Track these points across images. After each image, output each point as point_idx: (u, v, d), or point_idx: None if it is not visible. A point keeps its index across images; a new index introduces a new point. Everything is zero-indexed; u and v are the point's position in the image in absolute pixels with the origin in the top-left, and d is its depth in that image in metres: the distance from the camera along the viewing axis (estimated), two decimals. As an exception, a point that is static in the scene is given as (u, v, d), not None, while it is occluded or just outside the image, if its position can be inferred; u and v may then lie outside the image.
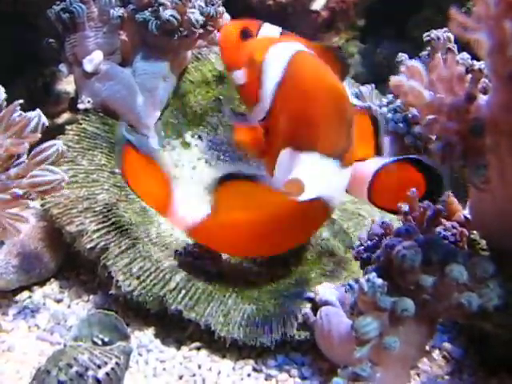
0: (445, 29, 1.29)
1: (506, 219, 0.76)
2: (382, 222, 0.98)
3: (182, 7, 1.25)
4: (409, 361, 0.77)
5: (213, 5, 1.29)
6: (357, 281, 0.76)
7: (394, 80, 0.67)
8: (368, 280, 0.74)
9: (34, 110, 0.96)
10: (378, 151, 1.09)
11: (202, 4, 1.27)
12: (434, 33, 1.30)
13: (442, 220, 0.93)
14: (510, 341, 0.84)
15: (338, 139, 0.96)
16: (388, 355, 0.73)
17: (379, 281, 0.73)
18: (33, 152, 0.96)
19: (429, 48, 1.27)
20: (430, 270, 0.73)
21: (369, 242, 0.98)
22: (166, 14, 1.23)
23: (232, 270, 1.09)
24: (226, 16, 1.33)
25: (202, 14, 1.27)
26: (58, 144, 0.96)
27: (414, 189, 0.90)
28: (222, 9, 1.30)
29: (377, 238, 0.97)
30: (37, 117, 0.95)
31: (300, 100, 0.97)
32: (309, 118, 0.96)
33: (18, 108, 0.95)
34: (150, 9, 1.25)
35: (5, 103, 0.97)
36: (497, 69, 0.62)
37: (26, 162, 0.95)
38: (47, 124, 0.97)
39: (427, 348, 0.82)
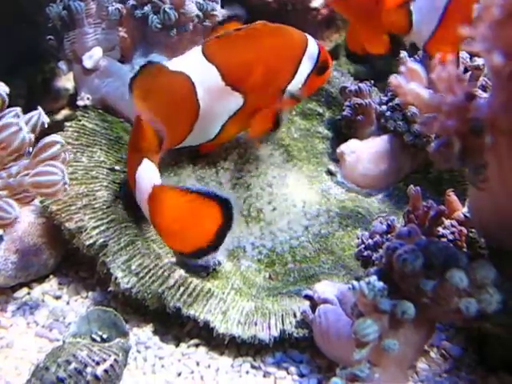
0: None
1: (505, 218, 0.76)
2: (387, 220, 0.99)
3: (180, 2, 1.25)
4: (407, 362, 0.78)
5: (211, 0, 1.29)
6: (359, 280, 0.76)
7: (393, 81, 0.67)
8: (368, 283, 0.73)
9: (34, 107, 0.96)
10: None
11: (200, 0, 1.28)
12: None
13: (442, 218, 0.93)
14: (510, 340, 0.84)
15: None
16: (387, 356, 0.73)
17: (379, 284, 0.73)
18: (35, 149, 0.95)
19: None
20: (430, 274, 0.73)
21: (370, 241, 0.98)
22: (165, 7, 1.24)
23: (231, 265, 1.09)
24: (225, 12, 1.33)
25: (199, 9, 1.28)
26: (60, 141, 0.96)
27: (418, 188, 0.90)
28: (217, 5, 1.31)
29: (378, 237, 0.98)
30: (37, 115, 0.94)
31: None
32: None
33: (19, 110, 0.94)
34: (149, 4, 1.26)
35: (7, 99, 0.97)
36: (497, 68, 0.62)
37: (28, 160, 0.95)
38: (48, 121, 0.97)
39: (425, 348, 0.82)
